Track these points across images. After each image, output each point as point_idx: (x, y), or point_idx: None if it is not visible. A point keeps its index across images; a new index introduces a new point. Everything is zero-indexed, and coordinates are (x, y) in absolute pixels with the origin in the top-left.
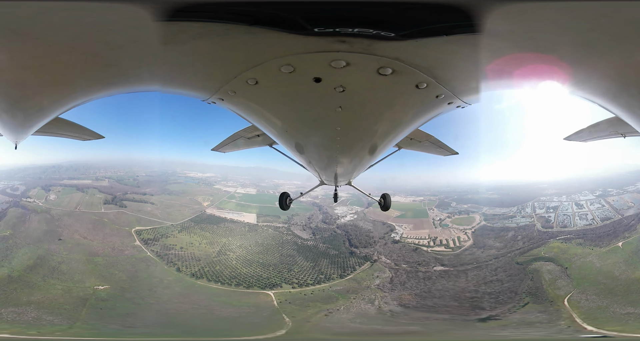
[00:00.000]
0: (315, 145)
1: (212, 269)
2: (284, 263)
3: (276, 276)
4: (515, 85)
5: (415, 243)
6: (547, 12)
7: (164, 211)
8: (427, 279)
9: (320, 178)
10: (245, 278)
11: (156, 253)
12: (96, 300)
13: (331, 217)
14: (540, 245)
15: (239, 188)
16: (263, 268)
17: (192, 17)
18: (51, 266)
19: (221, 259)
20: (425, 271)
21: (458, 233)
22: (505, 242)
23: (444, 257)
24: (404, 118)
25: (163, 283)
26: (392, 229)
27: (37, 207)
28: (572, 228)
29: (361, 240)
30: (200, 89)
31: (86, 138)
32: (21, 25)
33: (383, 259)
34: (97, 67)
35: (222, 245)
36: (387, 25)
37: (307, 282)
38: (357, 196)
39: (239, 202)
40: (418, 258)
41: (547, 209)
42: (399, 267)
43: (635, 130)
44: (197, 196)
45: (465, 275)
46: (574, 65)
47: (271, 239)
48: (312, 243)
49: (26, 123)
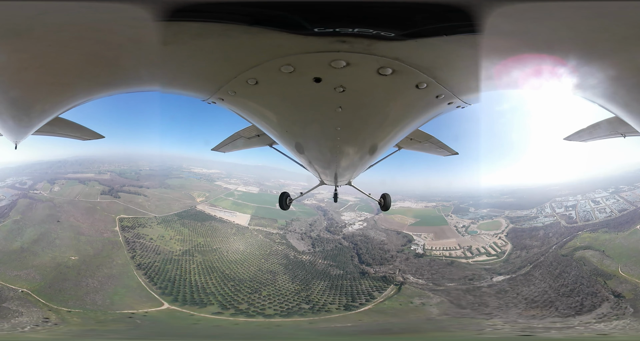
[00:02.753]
0: (315, 145)
1: (160, 266)
2: (256, 280)
3: (228, 295)
4: (516, 86)
5: (445, 255)
6: (548, 12)
7: (153, 203)
8: (501, 292)
9: (320, 178)
10: (178, 287)
11: (125, 239)
12: (65, 267)
13: (337, 225)
14: (572, 238)
15: (240, 186)
16: (221, 281)
17: (192, 17)
18: (49, 241)
19: (181, 259)
20: (488, 285)
21: (491, 238)
22: (541, 240)
23: (493, 266)
24: (404, 118)
25: (111, 264)
26: (410, 239)
27: (42, 197)
28: (595, 221)
29: (374, 255)
30: (200, 89)
31: (86, 138)
32: (21, 25)
33: (411, 279)
34: (97, 67)
35: (195, 245)
36: (387, 25)
37: (268, 311)
38: (365, 201)
39: (236, 201)
40: (461, 273)
41: (566, 208)
42: (444, 287)
43: (635, 130)
44: (194, 191)
45: (531, 276)
46: (574, 66)
47: (257, 247)
48: (308, 258)
49: (26, 123)
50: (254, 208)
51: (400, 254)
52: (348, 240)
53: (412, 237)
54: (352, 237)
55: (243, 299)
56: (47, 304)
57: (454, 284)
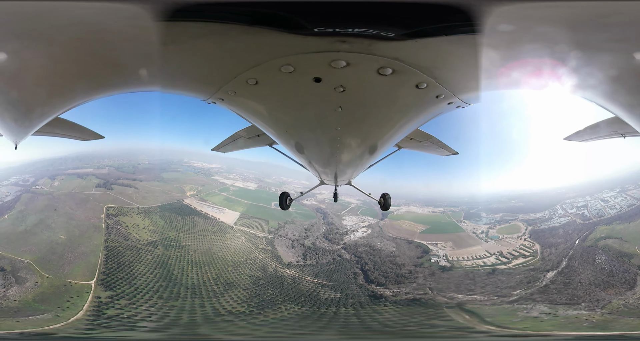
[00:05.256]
0: (316, 145)
1: (121, 251)
2: (197, 290)
3: (144, 296)
4: (515, 86)
5: (478, 264)
6: (547, 12)
7: (141, 195)
8: (565, 284)
9: (320, 178)
10: (116, 270)
11: (107, 225)
12: (55, 243)
13: (337, 231)
14: (591, 232)
15: (238, 182)
16: (158, 279)
17: (192, 17)
18: (46, 224)
19: (143, 249)
20: (549, 281)
21: (517, 241)
22: (563, 237)
23: (535, 265)
24: (404, 118)
25: (89, 243)
26: (425, 250)
27: (43, 191)
28: (608, 216)
29: (385, 271)
30: (200, 89)
31: (86, 139)
32: (21, 25)
33: (463, 298)
34: (97, 67)
35: (163, 238)
36: (387, 25)
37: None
38: (369, 204)
39: (229, 196)
40: (513, 279)
41: (578, 208)
42: (515, 296)
43: (635, 131)
44: (186, 185)
45: (573, 267)
46: (574, 66)
47: (232, 251)
48: (292, 274)
49: (26, 123)
50: (247, 206)
51: (420, 269)
52: (350, 251)
53: (427, 246)
54: (354, 247)
55: (149, 306)
56: (39, 271)
57: (519, 291)
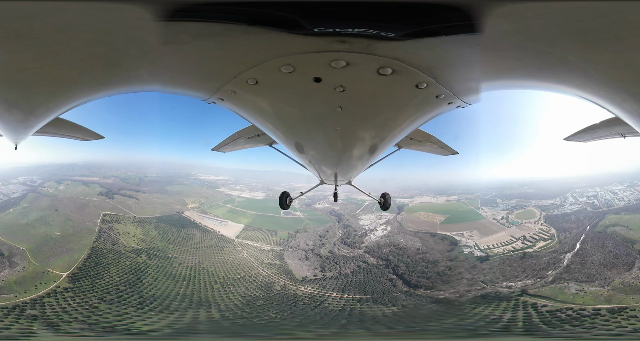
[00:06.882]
0: (315, 144)
1: (104, 253)
2: (165, 307)
3: (110, 304)
4: (516, 86)
5: (508, 249)
6: (547, 12)
7: (141, 206)
8: (581, 265)
9: (320, 178)
10: (89, 269)
11: (99, 229)
12: (50, 238)
13: (355, 234)
14: (601, 219)
15: (245, 192)
16: (125, 289)
17: (192, 17)
18: (45, 221)
19: (126, 255)
20: (568, 262)
21: (535, 226)
22: (575, 223)
23: (555, 247)
24: (404, 118)
25: (78, 242)
26: (453, 241)
27: (48, 193)
28: (616, 207)
29: (425, 272)
30: (200, 89)
31: (86, 139)
32: (21, 25)
33: (518, 284)
34: (97, 67)
35: (149, 247)
36: (387, 25)
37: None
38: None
39: (234, 208)
40: (540, 262)
41: (588, 197)
42: (550, 277)
43: (635, 131)
44: (189, 197)
45: (586, 249)
46: (574, 66)
47: (227, 268)
48: (310, 292)
49: (26, 123)
50: (253, 217)
51: (457, 263)
52: (374, 254)
53: (453, 237)
54: (377, 249)
55: (108, 315)
56: (30, 259)
57: (551, 272)
